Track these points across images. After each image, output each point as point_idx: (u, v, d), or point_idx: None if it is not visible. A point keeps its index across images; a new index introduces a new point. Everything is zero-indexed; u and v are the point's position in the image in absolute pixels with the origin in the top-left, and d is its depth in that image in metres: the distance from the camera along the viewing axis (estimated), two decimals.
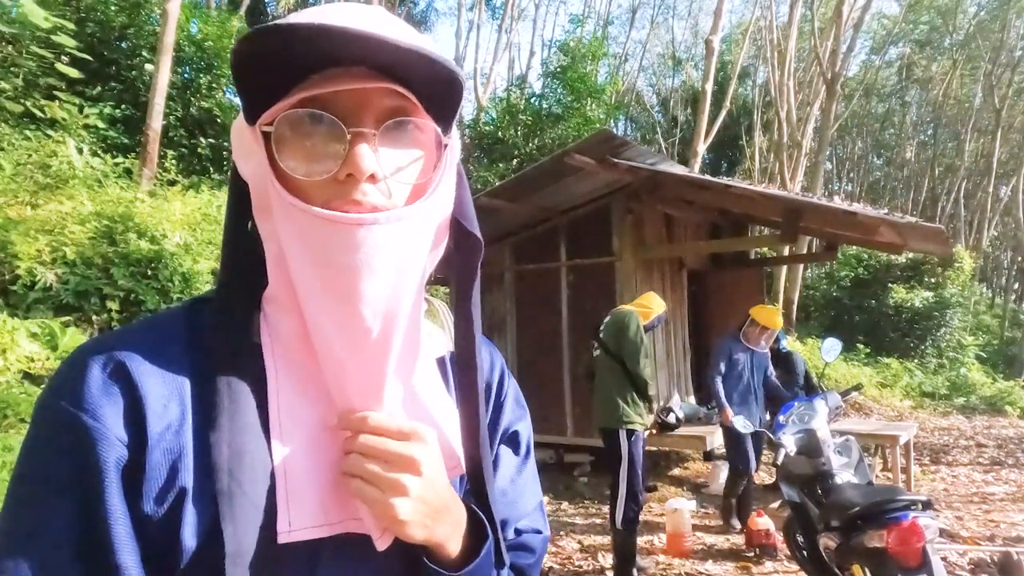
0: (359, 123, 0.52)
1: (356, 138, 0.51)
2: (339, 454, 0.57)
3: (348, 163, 0.51)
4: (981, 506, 5.67)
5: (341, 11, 0.52)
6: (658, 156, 6.59)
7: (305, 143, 0.52)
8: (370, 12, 0.54)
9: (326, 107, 0.51)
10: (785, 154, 15.66)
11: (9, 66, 7.09)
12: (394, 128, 0.53)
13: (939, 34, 24.55)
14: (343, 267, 0.51)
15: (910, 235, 5.97)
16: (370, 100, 0.52)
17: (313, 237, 0.51)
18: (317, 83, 0.51)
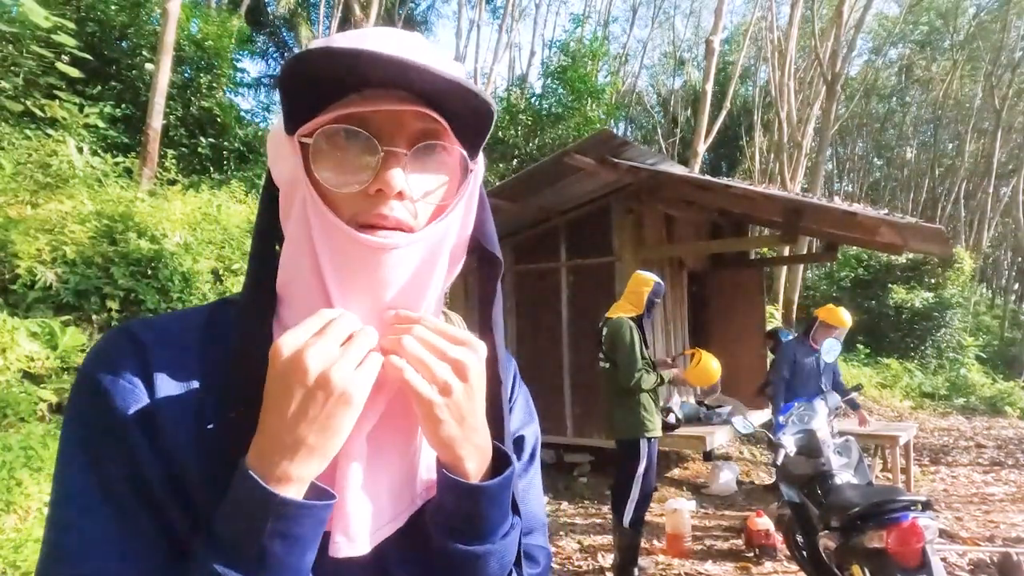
0: (392, 143, 0.55)
1: (388, 156, 0.55)
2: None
3: (379, 179, 0.55)
4: (981, 507, 5.67)
5: (383, 36, 0.57)
6: (658, 156, 6.59)
7: (340, 156, 0.55)
8: (410, 39, 0.58)
9: (362, 124, 0.55)
10: (785, 154, 15.65)
11: (9, 65, 7.09)
12: (424, 151, 0.56)
13: (939, 35, 24.55)
14: (366, 281, 0.56)
15: (910, 236, 5.97)
16: (404, 122, 0.56)
17: (340, 249, 0.55)
18: (356, 102, 0.54)
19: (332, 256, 0.56)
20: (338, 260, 0.56)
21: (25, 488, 3.47)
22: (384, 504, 0.59)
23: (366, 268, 0.55)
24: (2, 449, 3.58)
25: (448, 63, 0.58)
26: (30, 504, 3.43)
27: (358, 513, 0.56)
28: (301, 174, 0.56)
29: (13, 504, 3.37)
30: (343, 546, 0.56)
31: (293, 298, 0.60)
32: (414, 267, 0.57)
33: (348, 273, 0.56)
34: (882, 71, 26.55)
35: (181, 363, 0.58)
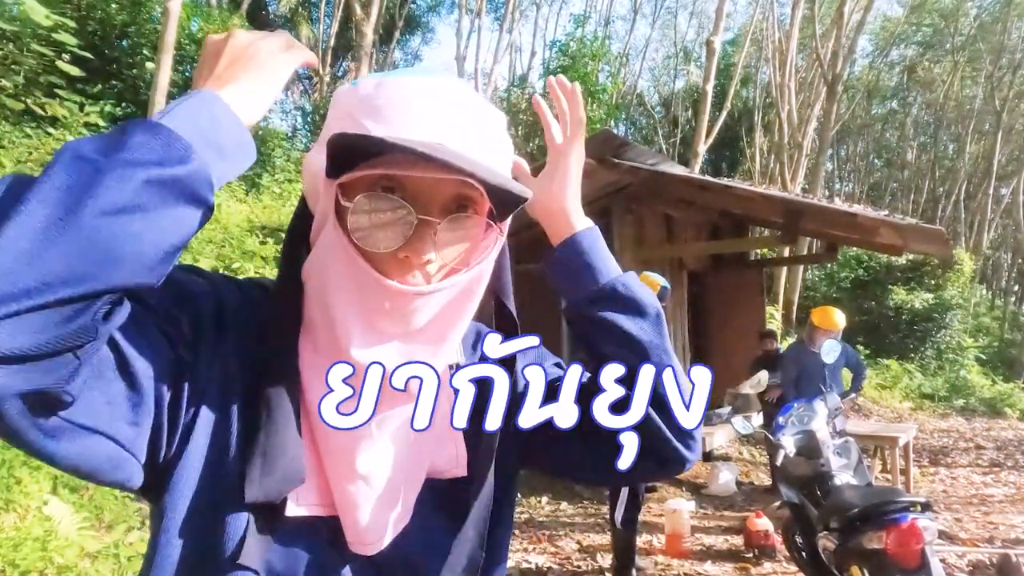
0: (427, 209, 0.58)
1: (422, 225, 0.57)
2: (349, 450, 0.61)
3: (409, 246, 0.57)
4: (980, 508, 5.67)
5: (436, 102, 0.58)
6: (659, 157, 6.59)
7: (375, 217, 0.57)
8: (461, 105, 0.60)
9: (401, 187, 0.58)
10: (786, 155, 15.66)
11: (10, 64, 7.09)
12: (455, 220, 0.59)
13: (941, 36, 24.54)
14: (388, 322, 0.58)
15: (910, 237, 5.98)
16: (440, 189, 0.58)
17: (367, 292, 0.57)
18: (399, 162, 0.56)
19: (353, 294, 0.58)
20: (362, 302, 0.58)
21: (24, 487, 3.47)
22: (392, 505, 0.63)
23: (394, 311, 0.58)
24: (1, 448, 3.58)
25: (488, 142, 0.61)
26: (29, 503, 3.43)
27: (367, 520, 0.61)
28: (331, 218, 0.59)
29: (13, 503, 3.37)
30: (360, 549, 0.62)
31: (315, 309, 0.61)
32: (435, 312, 0.60)
33: (368, 313, 0.58)
34: (883, 72, 26.55)
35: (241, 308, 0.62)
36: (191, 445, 0.57)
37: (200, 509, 0.57)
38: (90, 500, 3.73)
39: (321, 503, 0.61)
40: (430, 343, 0.61)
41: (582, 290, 0.72)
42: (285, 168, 11.04)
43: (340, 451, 0.61)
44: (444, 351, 0.63)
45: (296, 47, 0.64)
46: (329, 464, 0.61)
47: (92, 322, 0.44)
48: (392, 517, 0.63)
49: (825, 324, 5.01)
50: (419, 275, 0.59)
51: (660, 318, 0.71)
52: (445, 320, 0.61)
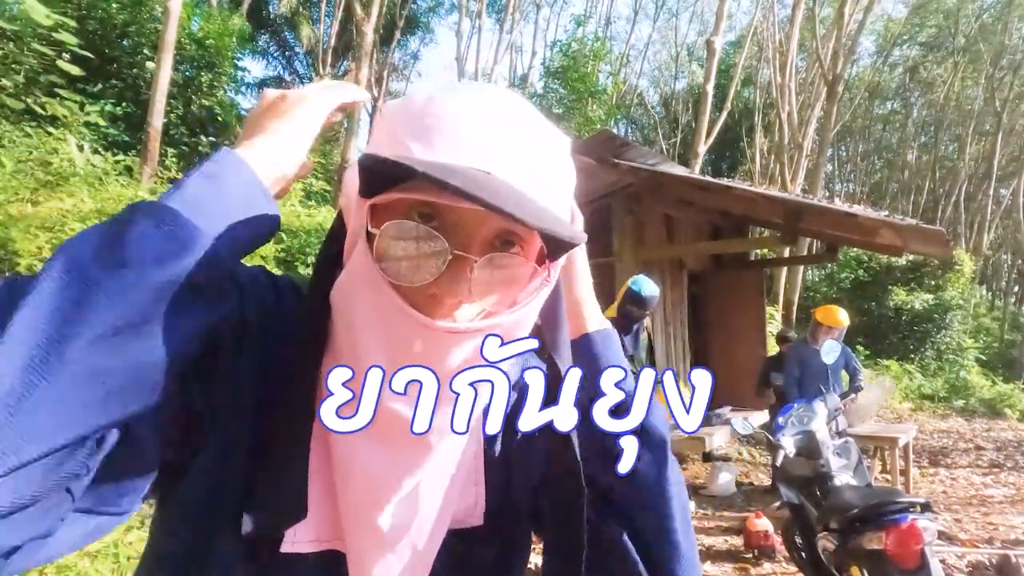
0: (466, 244, 0.51)
1: (456, 261, 0.50)
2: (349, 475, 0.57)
3: (440, 283, 0.50)
4: (980, 509, 5.67)
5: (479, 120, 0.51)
6: (659, 157, 6.59)
7: (404, 246, 0.51)
8: (511, 121, 0.53)
9: (438, 215, 0.51)
10: (786, 155, 15.66)
11: (10, 63, 7.09)
12: (495, 258, 0.52)
13: (942, 37, 24.55)
14: (419, 356, 0.51)
15: (910, 237, 5.98)
16: (485, 222, 0.51)
17: (394, 326, 0.51)
18: (437, 188, 0.46)
19: (379, 325, 0.52)
20: (389, 335, 0.52)
21: None
22: (407, 559, 0.59)
23: (423, 346, 0.51)
24: None
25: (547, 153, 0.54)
26: None
27: (377, 569, 0.57)
28: (362, 238, 0.52)
29: None
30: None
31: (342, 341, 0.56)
32: (467, 357, 0.53)
33: (397, 346, 0.52)
34: (884, 73, 26.55)
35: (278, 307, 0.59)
36: (198, 464, 0.53)
37: (195, 532, 0.54)
38: None
39: (320, 538, 0.57)
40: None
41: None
42: None
43: (362, 496, 0.56)
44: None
45: (338, 86, 0.60)
46: (346, 506, 0.57)
47: (84, 460, 0.40)
48: (405, 570, 0.59)
49: (829, 321, 5.01)
50: (452, 316, 0.53)
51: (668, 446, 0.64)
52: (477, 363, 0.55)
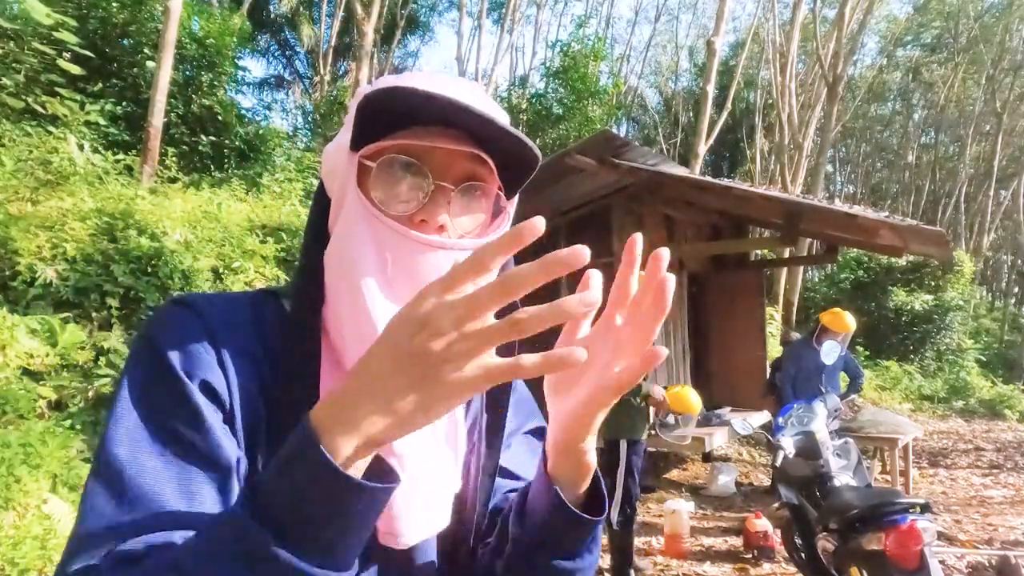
0: (442, 178, 0.61)
1: (437, 191, 0.60)
2: None
3: (425, 210, 0.60)
4: (979, 510, 5.67)
5: (452, 82, 0.63)
6: (659, 157, 6.59)
7: (395, 183, 0.61)
8: (472, 87, 0.65)
9: (419, 156, 0.61)
10: (786, 156, 15.65)
11: (11, 62, 7.08)
12: (468, 190, 0.62)
13: (942, 38, 24.54)
14: (410, 276, 0.58)
15: (910, 238, 5.97)
16: (455, 161, 0.61)
17: (393, 249, 0.59)
18: (418, 134, 0.60)
19: (376, 257, 0.59)
20: (384, 260, 0.59)
21: (24, 485, 3.47)
22: (427, 501, 0.60)
23: (421, 263, 0.58)
24: (1, 446, 3.58)
25: (500, 112, 0.64)
26: (28, 501, 3.43)
27: (399, 509, 0.58)
28: (352, 185, 0.61)
29: (12, 501, 3.37)
30: (389, 541, 0.59)
31: (338, 293, 0.61)
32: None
33: (396, 268, 0.59)
34: (885, 74, 26.55)
35: (239, 334, 0.60)
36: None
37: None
38: None
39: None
40: None
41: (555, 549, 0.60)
42: (285, 168, 11.01)
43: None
44: None
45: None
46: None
47: None
48: (426, 513, 0.60)
49: (836, 326, 5.01)
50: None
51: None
52: None
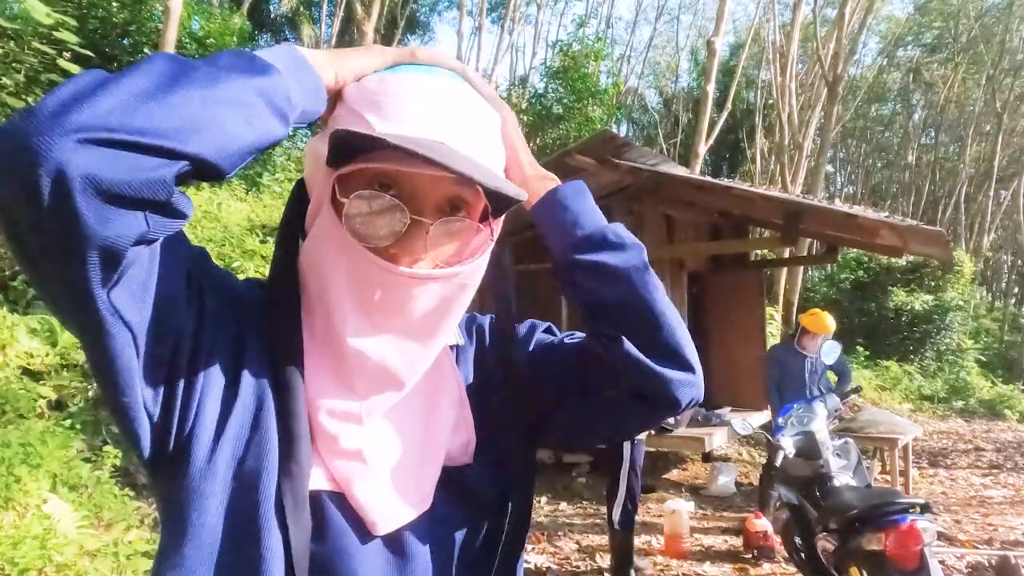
0: (421, 208, 0.60)
1: (414, 225, 0.60)
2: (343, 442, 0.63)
3: (400, 243, 0.60)
4: (979, 510, 5.67)
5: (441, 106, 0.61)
6: (659, 157, 6.59)
7: (370, 215, 0.60)
8: (454, 98, 0.63)
9: (399, 183, 0.60)
10: (786, 156, 15.65)
11: (11, 62, 7.08)
12: (447, 222, 0.62)
13: (943, 38, 24.53)
14: (383, 305, 0.61)
15: (910, 238, 5.98)
16: (436, 188, 0.61)
17: (364, 275, 0.60)
18: (398, 159, 0.57)
19: (350, 280, 0.61)
20: (358, 285, 0.61)
21: (24, 485, 3.47)
22: (400, 488, 0.64)
23: (391, 294, 0.60)
24: (1, 446, 3.58)
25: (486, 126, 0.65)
26: (28, 501, 3.43)
27: (367, 499, 0.62)
28: (327, 205, 0.61)
29: (12, 500, 3.37)
30: (370, 528, 0.62)
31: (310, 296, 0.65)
32: (429, 303, 0.62)
33: (365, 295, 0.61)
34: (885, 74, 26.54)
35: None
36: (212, 417, 0.59)
37: (242, 468, 0.59)
38: (89, 498, 3.73)
39: (331, 477, 0.63)
40: (424, 335, 0.64)
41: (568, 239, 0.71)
42: (285, 167, 11.03)
43: (325, 431, 0.62)
44: (437, 343, 0.66)
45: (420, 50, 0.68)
46: (319, 440, 0.62)
47: (169, 183, 0.47)
48: (402, 500, 0.64)
49: (816, 328, 4.97)
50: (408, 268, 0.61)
51: (644, 253, 0.73)
52: (438, 312, 0.63)
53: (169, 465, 0.59)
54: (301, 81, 0.56)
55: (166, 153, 0.46)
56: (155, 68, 0.49)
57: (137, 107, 0.46)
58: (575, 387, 0.73)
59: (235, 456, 0.59)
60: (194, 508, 0.57)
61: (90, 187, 0.43)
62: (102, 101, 0.45)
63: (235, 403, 0.60)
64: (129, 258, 0.48)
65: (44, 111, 0.44)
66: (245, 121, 0.51)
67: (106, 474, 3.92)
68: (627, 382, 0.68)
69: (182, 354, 0.57)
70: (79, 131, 0.43)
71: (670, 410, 0.70)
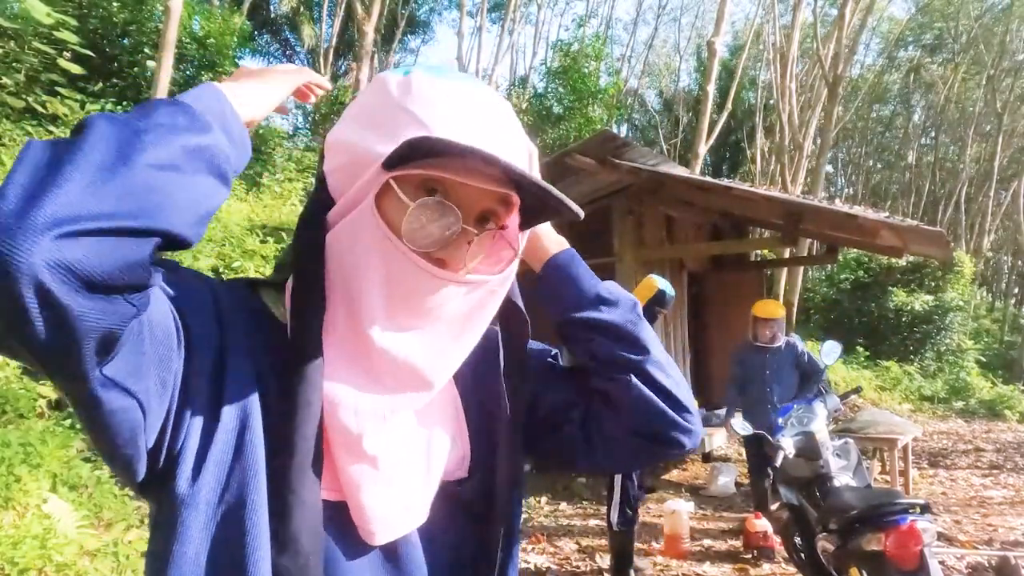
0: (467, 218, 0.61)
1: (462, 234, 0.61)
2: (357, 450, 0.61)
3: (446, 251, 0.61)
4: (979, 510, 5.67)
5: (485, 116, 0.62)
6: (659, 157, 6.59)
7: (425, 221, 0.59)
8: (501, 111, 0.64)
9: (445, 190, 0.60)
10: (786, 156, 15.65)
11: (11, 61, 7.08)
12: (489, 235, 0.63)
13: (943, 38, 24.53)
14: (415, 306, 0.60)
15: (911, 238, 5.98)
16: (481, 198, 0.61)
17: (402, 277, 0.59)
18: (452, 166, 0.58)
19: (385, 279, 0.60)
20: (393, 285, 0.60)
21: (24, 484, 3.47)
22: (403, 498, 0.63)
23: (427, 294, 0.60)
24: (1, 445, 3.58)
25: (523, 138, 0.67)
26: (28, 500, 3.43)
27: (373, 507, 0.61)
28: (370, 202, 0.60)
29: (12, 500, 3.37)
30: (367, 538, 0.62)
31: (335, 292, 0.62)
32: (459, 307, 0.63)
33: (401, 294, 0.60)
34: (886, 74, 26.53)
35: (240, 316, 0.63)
36: (195, 441, 0.56)
37: (225, 495, 0.56)
38: (89, 498, 3.73)
39: (332, 487, 0.61)
40: (454, 337, 0.64)
41: (569, 299, 0.75)
42: (286, 168, 11.03)
43: (348, 429, 0.60)
44: (466, 346, 0.66)
45: (305, 71, 0.72)
46: (336, 441, 0.60)
47: (147, 262, 0.47)
48: (403, 510, 0.63)
49: (762, 313, 4.94)
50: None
51: (638, 308, 0.77)
52: (470, 316, 0.64)
53: (157, 488, 0.56)
54: (229, 133, 0.56)
55: (141, 233, 0.45)
56: (102, 135, 0.47)
57: (103, 186, 0.44)
58: (576, 417, 0.76)
59: (219, 483, 0.56)
60: (176, 539, 0.55)
61: (76, 282, 0.42)
62: (69, 185, 0.43)
63: (217, 426, 0.57)
64: (124, 337, 0.48)
65: (7, 207, 0.41)
66: (200, 191, 0.51)
67: (106, 474, 3.91)
68: (630, 420, 0.73)
69: (176, 385, 0.56)
70: (55, 226, 0.41)
71: (669, 451, 0.76)
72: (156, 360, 0.52)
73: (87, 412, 0.50)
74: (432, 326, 0.62)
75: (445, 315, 0.62)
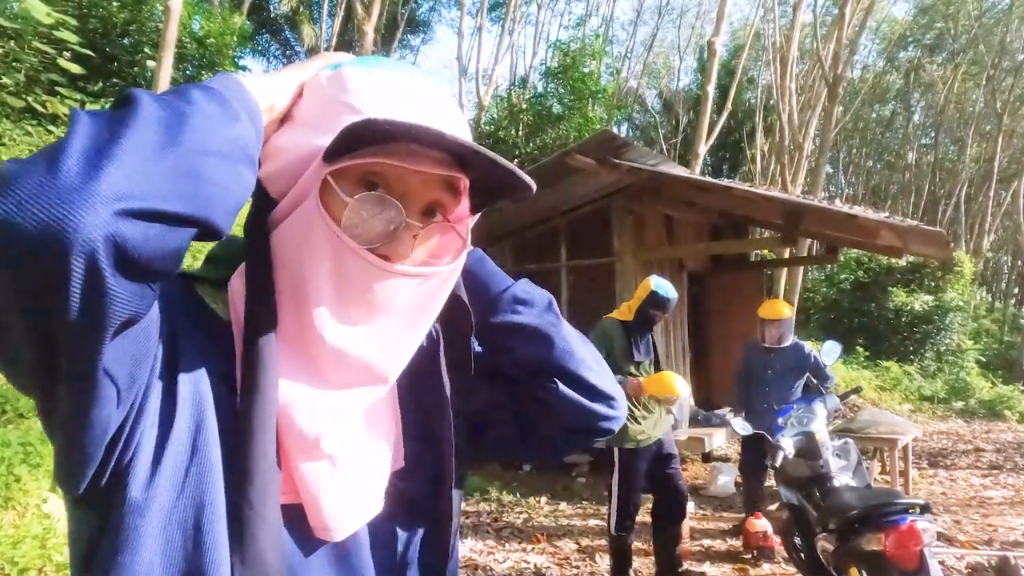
0: (410, 210, 0.60)
1: (407, 228, 0.60)
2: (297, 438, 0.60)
3: (390, 246, 0.60)
4: (979, 510, 5.67)
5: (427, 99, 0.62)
6: (659, 157, 6.59)
7: (367, 216, 0.59)
8: (446, 104, 0.64)
9: (386, 182, 0.60)
10: (786, 157, 15.65)
11: (11, 61, 7.08)
12: (433, 226, 0.62)
13: (943, 38, 24.53)
14: (367, 301, 0.59)
15: (910, 238, 5.98)
16: (425, 189, 0.61)
17: (351, 272, 0.58)
18: (394, 152, 0.57)
19: (334, 274, 0.58)
20: (341, 276, 0.58)
21: (24, 484, 3.47)
22: (359, 491, 0.64)
23: (366, 292, 0.59)
24: (1, 445, 3.58)
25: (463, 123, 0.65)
26: (28, 500, 3.43)
27: (332, 505, 0.61)
28: (314, 197, 0.58)
29: (12, 500, 3.37)
30: (324, 535, 0.61)
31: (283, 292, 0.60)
32: (409, 299, 0.62)
33: (351, 290, 0.59)
34: (886, 75, 26.53)
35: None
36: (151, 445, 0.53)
37: (180, 500, 0.53)
38: None
39: (287, 490, 0.59)
40: (404, 330, 0.63)
41: (483, 303, 0.74)
42: None
43: (305, 433, 0.59)
44: (416, 338, 0.65)
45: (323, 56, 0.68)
46: (292, 445, 0.59)
47: (184, 251, 0.45)
48: (359, 503, 0.63)
49: (767, 314, 4.95)
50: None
51: (554, 306, 0.78)
52: (420, 308, 0.63)
53: (102, 495, 0.52)
54: (255, 123, 0.55)
55: (187, 220, 0.44)
56: (152, 112, 0.45)
57: (157, 165, 0.42)
58: (508, 418, 0.78)
59: (175, 488, 0.53)
60: (126, 548, 0.51)
61: (123, 262, 0.40)
62: (128, 158, 0.41)
63: (172, 427, 0.54)
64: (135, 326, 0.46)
65: (70, 170, 0.39)
66: (237, 180, 0.49)
67: None
68: (562, 421, 0.75)
69: (143, 381, 0.53)
70: (117, 200, 0.39)
71: (599, 438, 0.79)
72: (136, 352, 0.50)
73: (74, 400, 0.47)
74: (383, 320, 0.61)
75: (396, 308, 0.61)
